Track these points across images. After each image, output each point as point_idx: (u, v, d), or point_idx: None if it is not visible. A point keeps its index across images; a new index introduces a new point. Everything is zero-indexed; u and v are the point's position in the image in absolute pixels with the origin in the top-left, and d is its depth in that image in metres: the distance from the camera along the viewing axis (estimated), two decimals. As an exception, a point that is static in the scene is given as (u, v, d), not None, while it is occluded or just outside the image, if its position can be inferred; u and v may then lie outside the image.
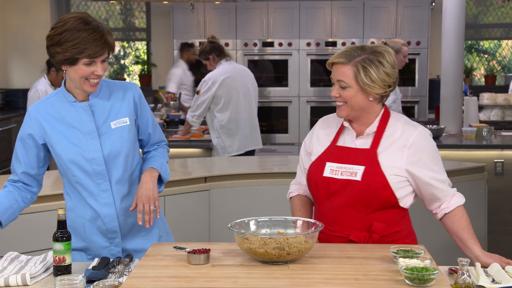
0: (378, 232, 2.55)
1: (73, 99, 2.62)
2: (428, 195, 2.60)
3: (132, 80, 9.97)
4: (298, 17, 8.40)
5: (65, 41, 2.47)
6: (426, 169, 2.55)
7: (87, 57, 2.48)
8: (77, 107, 2.62)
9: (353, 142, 2.63)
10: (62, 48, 2.48)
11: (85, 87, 2.56)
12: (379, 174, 2.51)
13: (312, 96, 8.46)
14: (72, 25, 2.47)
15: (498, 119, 7.01)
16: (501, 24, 9.44)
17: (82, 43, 2.46)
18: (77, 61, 2.49)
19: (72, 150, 2.61)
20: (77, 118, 2.62)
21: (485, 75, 9.61)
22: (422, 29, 8.35)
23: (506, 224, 5.49)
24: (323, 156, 2.64)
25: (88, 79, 2.54)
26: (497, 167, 5.56)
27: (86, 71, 2.51)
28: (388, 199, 2.53)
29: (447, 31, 6.09)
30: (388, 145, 2.56)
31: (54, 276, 2.36)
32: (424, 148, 2.56)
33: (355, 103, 2.55)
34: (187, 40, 8.54)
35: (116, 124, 2.64)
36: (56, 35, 2.49)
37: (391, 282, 2.10)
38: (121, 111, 2.66)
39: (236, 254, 2.40)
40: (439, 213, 2.61)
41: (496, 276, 2.28)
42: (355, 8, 8.39)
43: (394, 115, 2.65)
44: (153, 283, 2.11)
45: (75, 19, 2.49)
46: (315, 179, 2.61)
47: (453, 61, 6.07)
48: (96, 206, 2.65)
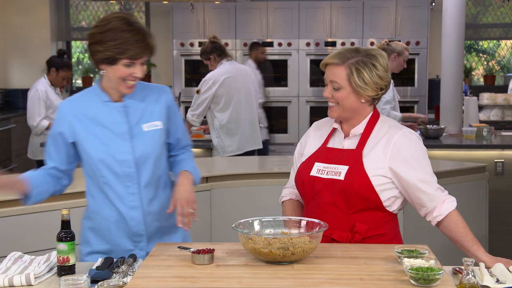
0: (360, 233, 2.55)
1: (107, 98, 2.60)
2: (415, 199, 2.56)
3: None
4: (297, 17, 8.41)
5: (107, 40, 2.45)
6: (410, 169, 2.53)
7: (128, 58, 2.46)
8: (110, 107, 2.60)
9: (341, 143, 2.65)
10: (103, 47, 2.46)
11: (122, 88, 2.54)
12: (361, 174, 2.52)
13: (312, 96, 8.46)
14: (115, 25, 2.46)
15: (497, 119, 7.01)
16: (500, 24, 9.45)
17: (124, 44, 2.44)
18: (117, 61, 2.47)
19: (102, 150, 2.58)
20: (110, 118, 2.59)
21: (484, 75, 9.62)
22: (421, 29, 8.36)
23: (507, 224, 5.49)
24: (312, 157, 2.67)
25: (125, 80, 2.52)
26: (498, 167, 5.57)
27: (124, 72, 2.49)
28: (371, 200, 2.53)
29: (447, 31, 6.09)
30: (372, 146, 2.57)
31: (58, 276, 2.36)
32: (406, 147, 2.55)
33: (346, 104, 2.56)
34: (187, 40, 8.54)
35: (149, 127, 2.63)
36: (99, 34, 2.48)
37: (396, 282, 2.10)
38: (154, 114, 2.64)
39: (240, 254, 2.39)
40: (433, 221, 2.58)
41: (500, 276, 2.28)
42: (355, 8, 8.40)
43: (383, 118, 2.66)
44: (157, 283, 2.11)
45: (118, 19, 2.48)
46: (302, 178, 2.64)
47: (453, 61, 6.08)
48: (123, 209, 2.62)
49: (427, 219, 2.61)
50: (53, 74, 6.36)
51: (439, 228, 2.59)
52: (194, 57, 8.62)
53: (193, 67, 8.66)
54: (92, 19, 9.69)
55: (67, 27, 9.61)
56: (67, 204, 3.53)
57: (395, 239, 2.64)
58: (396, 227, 2.68)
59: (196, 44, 8.56)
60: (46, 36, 9.32)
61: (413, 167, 2.53)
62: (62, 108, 2.64)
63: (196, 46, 8.56)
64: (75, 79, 9.86)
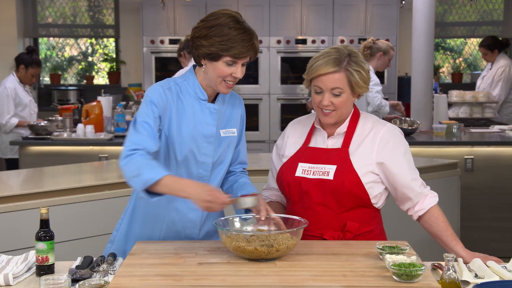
0: (352, 231, 2.57)
1: (205, 96, 2.55)
2: (400, 193, 2.60)
3: (100, 77, 9.88)
4: (268, 15, 8.41)
5: (213, 36, 2.40)
6: (396, 164, 2.56)
7: (231, 56, 2.41)
8: (204, 107, 2.55)
9: (324, 142, 2.65)
10: (208, 42, 2.41)
11: (220, 88, 2.49)
12: (351, 172, 2.53)
13: (282, 93, 8.47)
14: (224, 21, 2.41)
15: (466, 116, 7.11)
16: (468, 22, 9.57)
17: (230, 41, 2.39)
18: (220, 58, 2.42)
19: (187, 148, 2.52)
20: (201, 118, 2.54)
21: (452, 72, 9.73)
22: (390, 27, 8.43)
23: (477, 220, 5.57)
24: (295, 157, 2.66)
25: (225, 80, 2.47)
26: (467, 163, 5.64)
27: (225, 71, 2.44)
28: (361, 197, 2.55)
29: (417, 30, 6.16)
30: (358, 143, 2.59)
31: (37, 276, 2.33)
32: (393, 142, 2.58)
33: (346, 108, 2.57)
34: (157, 37, 8.49)
35: (226, 133, 2.60)
36: (205, 28, 2.43)
37: (379, 278, 2.12)
38: (232, 121, 2.63)
39: (222, 251, 2.39)
40: (414, 215, 2.63)
41: (479, 271, 2.32)
42: (325, 6, 8.43)
43: (364, 115, 2.68)
44: (141, 282, 2.09)
45: (227, 15, 2.43)
46: (287, 179, 2.62)
47: (424, 59, 6.15)
48: (184, 209, 2.59)
49: (408, 213, 2.65)
50: (22, 71, 6.29)
51: (420, 222, 2.63)
52: (164, 55, 8.57)
53: (164, 65, 8.60)
54: (60, 15, 9.57)
55: (34, 23, 9.48)
56: (45, 202, 3.50)
57: (381, 234, 2.68)
58: (381, 223, 2.71)
59: (167, 41, 8.51)
60: (13, 33, 9.19)
61: (399, 163, 2.57)
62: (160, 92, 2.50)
63: (167, 44, 8.51)
64: (43, 77, 9.74)
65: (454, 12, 9.60)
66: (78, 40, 9.83)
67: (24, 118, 6.29)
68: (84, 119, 5.94)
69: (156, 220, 2.63)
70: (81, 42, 9.87)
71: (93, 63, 9.90)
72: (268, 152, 8.22)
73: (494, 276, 2.27)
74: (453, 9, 9.60)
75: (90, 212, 3.80)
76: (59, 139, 5.75)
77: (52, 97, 9.14)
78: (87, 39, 9.79)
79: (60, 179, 4.10)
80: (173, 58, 8.47)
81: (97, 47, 9.88)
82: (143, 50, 8.58)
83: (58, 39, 9.81)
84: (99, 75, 9.90)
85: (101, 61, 9.81)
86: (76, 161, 5.22)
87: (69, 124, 6.03)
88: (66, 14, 9.58)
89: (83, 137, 5.71)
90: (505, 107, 7.51)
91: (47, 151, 5.70)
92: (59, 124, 6.18)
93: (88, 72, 9.84)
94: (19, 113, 6.27)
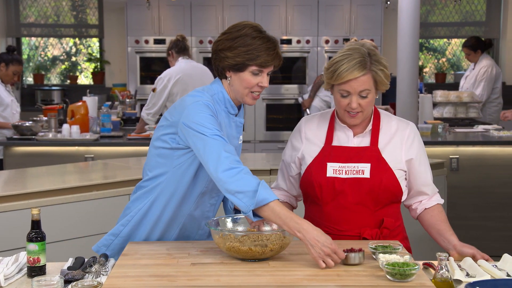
0: (389, 227, 2.62)
1: (234, 110, 2.55)
2: (417, 189, 2.70)
3: (84, 77, 9.83)
4: (253, 15, 8.41)
5: (238, 46, 2.42)
6: (421, 162, 2.67)
7: (258, 65, 2.43)
8: (231, 120, 2.55)
9: (350, 140, 2.65)
10: (233, 53, 2.43)
11: (247, 99, 2.50)
12: (387, 170, 2.57)
13: (268, 94, 8.48)
14: (247, 32, 2.43)
15: (450, 116, 7.16)
16: (451, 23, 9.64)
17: (256, 50, 2.42)
18: (246, 67, 2.44)
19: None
20: (229, 131, 2.55)
21: (435, 73, 9.79)
22: (375, 27, 8.47)
23: (463, 219, 5.61)
24: (321, 157, 2.64)
25: (252, 90, 2.47)
26: (453, 163, 5.68)
27: (251, 82, 2.45)
28: (395, 194, 2.61)
29: (402, 30, 6.18)
30: (387, 141, 2.63)
31: (28, 277, 2.32)
32: (417, 141, 2.68)
33: (370, 107, 2.59)
34: (141, 37, 8.46)
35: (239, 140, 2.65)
36: (228, 40, 2.44)
37: (373, 278, 2.13)
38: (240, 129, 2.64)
39: (215, 252, 2.39)
40: (419, 207, 2.71)
41: (470, 270, 2.34)
42: (310, 6, 8.45)
43: (384, 113, 2.71)
44: (135, 283, 2.09)
45: (250, 26, 2.45)
46: (319, 180, 2.60)
47: (409, 59, 6.17)
48: (200, 218, 2.61)
49: (412, 207, 2.74)
50: (3, 70, 6.22)
51: (421, 215, 2.71)
52: (149, 55, 8.55)
53: (148, 65, 8.58)
54: (43, 15, 9.51)
55: (16, 23, 9.42)
56: (37, 203, 3.48)
57: (404, 228, 2.77)
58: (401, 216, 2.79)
59: (151, 41, 8.48)
60: (-5, 32, 9.13)
61: (423, 161, 2.68)
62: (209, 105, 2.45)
63: (151, 43, 8.49)
64: (26, 76, 9.67)
65: (438, 12, 9.66)
66: (62, 40, 9.77)
67: (6, 119, 6.23)
68: (70, 119, 5.90)
69: (171, 224, 2.61)
70: (64, 42, 9.81)
71: (77, 63, 9.84)
72: (253, 152, 8.24)
73: (485, 274, 2.28)
74: (435, 9, 9.66)
75: (77, 213, 3.79)
76: (45, 140, 5.71)
77: (35, 97, 9.08)
78: (71, 39, 9.73)
79: (47, 180, 4.07)
80: (158, 58, 8.46)
81: (81, 47, 9.82)
82: (127, 50, 8.55)
83: (41, 39, 9.74)
84: (83, 75, 9.85)
85: (85, 61, 9.75)
86: (62, 161, 5.19)
87: (54, 125, 5.99)
88: (50, 14, 9.52)
89: (68, 137, 5.68)
90: (488, 107, 7.57)
91: (32, 151, 5.66)
92: (44, 125, 6.14)
93: (71, 72, 9.79)
94: (1, 113, 6.21)
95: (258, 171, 4.36)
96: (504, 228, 5.76)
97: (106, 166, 4.68)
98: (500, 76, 7.61)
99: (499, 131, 6.16)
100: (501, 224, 5.77)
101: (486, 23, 9.57)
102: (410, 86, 6.19)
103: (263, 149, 8.38)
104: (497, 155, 5.75)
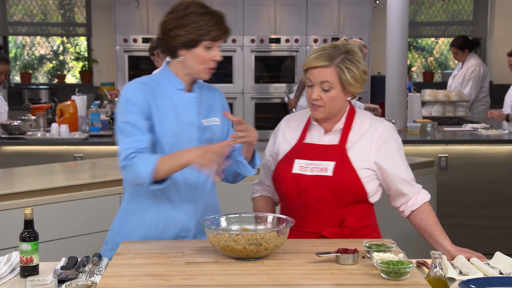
0: (350, 226, 2.58)
1: (181, 86, 2.59)
2: (395, 190, 2.64)
3: (72, 76, 9.78)
4: (242, 14, 8.41)
5: (189, 23, 2.47)
6: (393, 162, 2.61)
7: (210, 39, 2.50)
8: (182, 96, 2.59)
9: (321, 138, 2.65)
10: (185, 31, 2.48)
11: (202, 74, 2.57)
12: (350, 169, 2.55)
13: (256, 92, 8.48)
14: (194, 9, 2.49)
15: (439, 114, 7.19)
16: (438, 22, 9.68)
17: (207, 25, 2.48)
18: (199, 43, 2.50)
19: (171, 139, 2.55)
20: (181, 107, 2.58)
21: (423, 72, 9.83)
22: (363, 26, 8.49)
23: (451, 218, 5.64)
24: (291, 154, 2.66)
25: (206, 65, 2.54)
26: (442, 161, 5.71)
27: (206, 56, 2.52)
28: (359, 193, 2.57)
29: (391, 29, 6.20)
30: (356, 139, 2.60)
31: (21, 277, 2.30)
32: (391, 140, 2.62)
33: (335, 104, 2.57)
34: (130, 36, 8.44)
35: (208, 122, 2.63)
36: (177, 19, 2.49)
37: (367, 276, 2.13)
38: (213, 111, 2.66)
39: (209, 251, 2.38)
40: (406, 210, 2.66)
41: (463, 268, 2.35)
42: (298, 6, 8.46)
43: (360, 112, 2.70)
44: (130, 282, 2.08)
45: (195, 3, 2.51)
46: (284, 176, 2.62)
47: (398, 58, 6.20)
48: (178, 202, 2.60)
49: (400, 209, 2.68)
50: None
51: (410, 217, 2.66)
52: (137, 53, 8.52)
53: (137, 64, 8.56)
54: (30, 13, 9.45)
55: (3, 21, 9.36)
56: (30, 202, 3.46)
57: (376, 229, 2.72)
58: (375, 217, 2.75)
59: (140, 40, 8.46)
60: (-19, 31, 9.07)
61: (396, 161, 2.61)
62: (136, 88, 2.54)
63: (140, 42, 8.46)
64: (13, 75, 9.62)
65: (425, 11, 9.70)
66: (49, 39, 9.72)
67: (-6, 118, 6.19)
68: (59, 119, 5.87)
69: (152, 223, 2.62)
70: (51, 41, 9.76)
71: (65, 62, 9.80)
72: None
73: (478, 273, 2.29)
74: (423, 8, 9.70)
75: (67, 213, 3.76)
76: (33, 139, 5.68)
77: (23, 96, 9.03)
78: (59, 37, 9.68)
79: (37, 179, 4.06)
80: (146, 57, 8.41)
81: (68, 45, 9.78)
82: (115, 49, 8.52)
83: (28, 38, 9.69)
84: (70, 74, 9.80)
85: (73, 60, 9.71)
86: (51, 161, 5.16)
87: (42, 124, 5.95)
88: (36, 12, 9.46)
89: (57, 136, 5.64)
90: (476, 106, 7.61)
91: (20, 151, 5.62)
92: (33, 124, 6.10)
93: (59, 71, 9.74)
94: (-11, 111, 6.17)
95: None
96: (492, 226, 5.80)
97: (95, 165, 4.66)
98: (487, 75, 7.66)
99: (487, 130, 6.19)
100: (489, 222, 5.80)
101: (473, 22, 9.61)
102: (399, 85, 6.22)
103: (252, 148, 8.37)
104: (485, 154, 5.78)
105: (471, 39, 7.72)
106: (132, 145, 2.45)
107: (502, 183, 5.78)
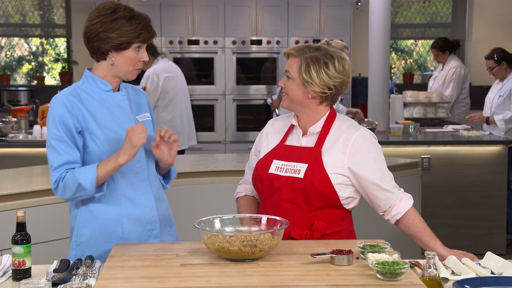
0: (319, 230, 2.58)
1: (109, 87, 2.64)
2: (373, 198, 2.61)
3: (51, 77, 9.70)
4: (223, 15, 8.40)
5: (120, 27, 2.54)
6: (368, 169, 2.57)
7: (141, 41, 2.59)
8: (111, 97, 2.64)
9: (299, 141, 2.68)
10: (116, 34, 2.54)
11: (131, 75, 2.65)
12: (321, 172, 2.55)
13: (238, 94, 8.47)
14: (123, 13, 2.55)
15: (420, 116, 7.25)
16: (418, 24, 9.75)
17: (138, 28, 2.56)
18: (130, 45, 2.57)
19: (113, 135, 2.60)
20: (116, 106, 2.64)
21: (404, 73, 9.90)
22: (344, 28, 8.52)
23: (435, 218, 5.69)
24: (270, 154, 2.70)
25: (135, 66, 2.62)
26: (424, 162, 5.75)
27: (135, 58, 2.60)
28: (330, 197, 2.57)
29: (374, 31, 6.24)
30: (332, 144, 2.61)
31: (13, 280, 2.28)
32: (364, 147, 2.60)
33: (294, 95, 2.62)
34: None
35: (142, 118, 2.72)
36: (108, 22, 2.54)
37: (363, 277, 2.14)
38: (142, 107, 2.75)
39: (203, 252, 2.38)
40: (392, 219, 2.63)
41: (455, 268, 2.37)
42: (280, 7, 8.47)
43: (340, 117, 2.70)
44: (125, 284, 2.07)
45: (122, 7, 2.57)
46: (261, 175, 2.66)
47: (380, 60, 6.24)
48: (135, 196, 2.64)
49: (385, 217, 2.66)
50: None
51: (398, 226, 2.65)
52: (118, 55, 8.46)
53: (118, 65, 8.50)
54: (7, 14, 9.36)
55: (-19, 22, 9.26)
56: (22, 204, 3.42)
57: (350, 235, 2.69)
58: (351, 224, 2.72)
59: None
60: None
61: (371, 167, 2.58)
62: (64, 102, 2.56)
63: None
64: (-9, 77, 9.51)
65: (404, 14, 9.76)
66: (28, 40, 9.62)
67: (-27, 120, 6.14)
68: (41, 120, 5.83)
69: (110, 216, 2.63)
70: (30, 42, 9.66)
71: (44, 63, 9.71)
72: (223, 153, 8.23)
73: (470, 272, 2.31)
74: (401, 10, 9.76)
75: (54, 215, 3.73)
76: (15, 141, 5.63)
77: (1, 98, 8.93)
78: (37, 38, 9.60)
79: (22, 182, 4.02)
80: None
81: (48, 47, 9.70)
82: (96, 50, 8.45)
83: (6, 39, 9.59)
84: (50, 75, 9.72)
85: (52, 61, 9.62)
86: (33, 163, 5.11)
87: (24, 126, 5.91)
88: (11, 13, 9.36)
89: (40, 138, 5.60)
90: (457, 107, 7.68)
91: (2, 153, 5.57)
92: (14, 126, 6.05)
93: (38, 72, 9.65)
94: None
95: (229, 172, 4.36)
96: (472, 226, 5.86)
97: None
98: (468, 77, 7.73)
99: (468, 131, 6.26)
100: (470, 222, 5.87)
101: (452, 24, 9.70)
102: (381, 86, 6.26)
103: (234, 150, 8.38)
104: (466, 155, 5.84)
105: (452, 41, 7.79)
106: (62, 166, 2.53)
107: (483, 183, 5.84)
